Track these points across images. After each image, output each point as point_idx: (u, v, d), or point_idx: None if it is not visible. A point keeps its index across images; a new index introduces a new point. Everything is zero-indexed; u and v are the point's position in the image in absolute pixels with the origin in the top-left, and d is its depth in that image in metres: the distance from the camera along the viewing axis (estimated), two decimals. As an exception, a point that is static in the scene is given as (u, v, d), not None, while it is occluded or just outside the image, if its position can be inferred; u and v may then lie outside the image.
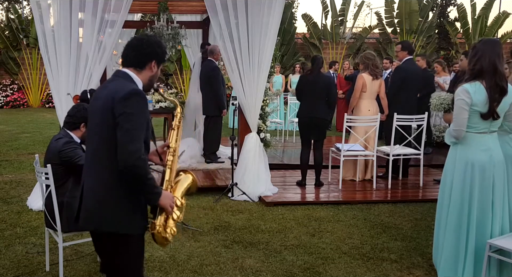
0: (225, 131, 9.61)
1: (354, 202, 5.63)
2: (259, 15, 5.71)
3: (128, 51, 2.40)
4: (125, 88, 2.26)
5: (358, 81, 6.44)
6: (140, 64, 2.39)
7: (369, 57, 6.40)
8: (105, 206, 2.29)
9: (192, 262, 3.95)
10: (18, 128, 11.40)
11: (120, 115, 2.20)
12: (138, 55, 2.38)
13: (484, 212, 3.41)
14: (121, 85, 2.29)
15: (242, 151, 6.01)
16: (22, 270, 3.79)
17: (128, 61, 2.40)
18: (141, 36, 2.47)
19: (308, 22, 18.33)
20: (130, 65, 2.40)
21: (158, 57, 2.42)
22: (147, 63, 2.40)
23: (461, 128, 3.38)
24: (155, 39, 2.44)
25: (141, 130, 2.23)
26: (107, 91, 2.31)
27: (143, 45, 2.38)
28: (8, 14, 17.29)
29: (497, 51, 3.33)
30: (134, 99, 2.23)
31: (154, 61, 2.41)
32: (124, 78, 2.37)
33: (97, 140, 2.32)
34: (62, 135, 3.65)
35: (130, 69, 2.39)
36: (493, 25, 17.64)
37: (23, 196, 5.74)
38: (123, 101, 2.21)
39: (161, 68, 2.58)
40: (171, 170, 2.49)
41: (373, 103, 6.42)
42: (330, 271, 3.82)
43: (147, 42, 2.39)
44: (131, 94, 2.23)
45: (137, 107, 2.23)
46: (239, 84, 5.89)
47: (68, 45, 5.43)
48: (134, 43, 2.41)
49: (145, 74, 2.41)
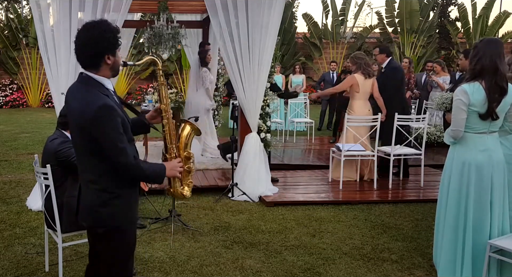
0: (225, 131, 9.61)
1: (354, 202, 5.62)
2: (260, 15, 5.69)
3: (78, 52, 2.32)
4: (90, 106, 2.24)
5: (347, 80, 6.51)
6: (94, 66, 2.32)
7: (360, 56, 6.47)
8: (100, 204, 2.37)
9: (192, 263, 3.93)
10: (17, 128, 11.39)
11: (98, 138, 2.26)
12: (88, 57, 2.30)
13: (482, 212, 3.40)
14: (86, 100, 2.27)
15: (242, 151, 6.00)
16: (21, 270, 3.78)
17: (82, 63, 2.34)
18: (80, 33, 2.30)
19: (308, 22, 18.31)
20: (86, 67, 2.34)
21: (109, 49, 2.31)
22: (100, 61, 2.31)
23: (459, 128, 3.38)
24: (97, 31, 2.27)
25: (121, 140, 2.29)
26: (77, 105, 2.31)
27: (88, 46, 2.27)
28: (7, 13, 17.29)
29: (498, 50, 3.31)
30: (101, 118, 2.23)
31: (106, 55, 2.31)
32: (87, 83, 2.32)
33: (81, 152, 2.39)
34: (57, 135, 3.63)
35: (88, 70, 2.33)
36: (494, 24, 17.62)
37: (22, 196, 5.73)
38: (94, 124, 2.23)
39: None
40: (170, 134, 2.62)
41: (366, 103, 6.45)
42: (330, 271, 3.81)
43: (91, 40, 2.26)
44: (96, 115, 2.22)
45: (107, 123, 2.25)
46: (239, 84, 5.87)
47: (67, 45, 5.41)
48: (81, 42, 2.29)
49: (104, 70, 2.35)
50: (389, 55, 6.63)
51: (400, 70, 6.60)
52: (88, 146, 2.32)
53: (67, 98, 2.44)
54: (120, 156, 2.28)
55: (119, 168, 2.31)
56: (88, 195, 2.40)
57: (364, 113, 6.32)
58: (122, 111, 2.38)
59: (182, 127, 2.74)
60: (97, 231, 2.43)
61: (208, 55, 7.22)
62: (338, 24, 18.30)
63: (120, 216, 2.40)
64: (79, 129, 2.32)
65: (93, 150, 2.30)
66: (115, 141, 2.27)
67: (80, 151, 2.41)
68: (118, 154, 2.28)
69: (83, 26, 2.33)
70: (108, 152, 2.28)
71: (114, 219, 2.38)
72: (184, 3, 7.30)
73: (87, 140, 2.30)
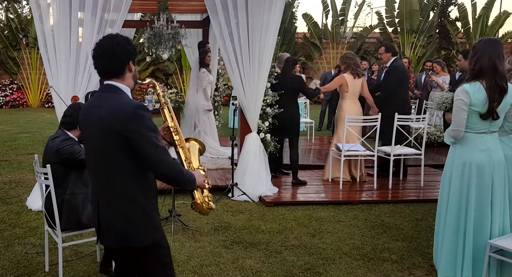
0: (225, 131, 9.61)
1: (354, 202, 5.62)
2: (260, 15, 5.69)
3: (102, 62, 2.31)
4: (125, 107, 2.21)
5: (336, 79, 6.59)
6: (119, 72, 2.32)
7: (350, 56, 6.53)
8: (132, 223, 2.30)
9: (192, 263, 3.93)
10: (17, 128, 11.39)
11: (134, 138, 2.19)
12: (114, 63, 2.30)
13: (482, 212, 3.40)
14: (120, 104, 2.24)
15: (242, 151, 6.00)
16: (21, 270, 3.78)
17: (106, 72, 2.33)
18: (103, 41, 2.33)
19: (308, 22, 18.31)
20: (111, 76, 2.32)
21: (132, 56, 2.35)
22: (125, 68, 2.33)
23: (459, 128, 3.37)
24: (119, 39, 2.31)
25: (159, 140, 2.27)
26: (104, 111, 2.24)
27: (114, 52, 2.28)
28: (7, 13, 17.28)
29: (497, 50, 3.31)
30: (139, 117, 2.20)
31: (130, 62, 2.34)
32: (115, 92, 2.30)
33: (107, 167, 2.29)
34: (58, 134, 3.64)
35: (113, 80, 2.32)
36: (494, 24, 17.61)
37: (22, 196, 5.73)
38: (131, 124, 2.18)
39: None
40: (183, 148, 2.62)
41: (356, 103, 6.48)
42: (330, 271, 3.81)
43: (117, 47, 2.28)
44: (134, 114, 2.19)
45: (146, 122, 2.21)
46: (239, 84, 5.87)
47: (67, 45, 5.42)
48: (104, 51, 2.29)
49: (128, 78, 2.35)
50: (395, 55, 6.64)
51: (400, 69, 6.58)
52: (116, 153, 2.23)
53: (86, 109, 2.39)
54: (162, 154, 2.23)
55: (161, 166, 2.24)
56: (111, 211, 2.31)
57: (353, 112, 6.34)
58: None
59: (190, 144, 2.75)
60: (130, 252, 2.34)
61: (208, 56, 7.22)
62: (338, 24, 18.30)
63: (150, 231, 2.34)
64: (107, 136, 2.22)
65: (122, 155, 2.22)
66: (155, 139, 2.22)
67: (102, 160, 2.29)
68: (159, 152, 2.22)
69: (103, 37, 2.34)
70: (148, 151, 2.20)
71: (146, 236, 2.32)
72: (184, 3, 7.29)
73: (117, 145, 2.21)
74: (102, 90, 2.38)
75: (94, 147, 2.34)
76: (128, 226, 2.29)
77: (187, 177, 2.39)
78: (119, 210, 2.30)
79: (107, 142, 2.24)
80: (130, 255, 2.37)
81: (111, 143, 2.22)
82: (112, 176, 2.28)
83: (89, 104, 2.44)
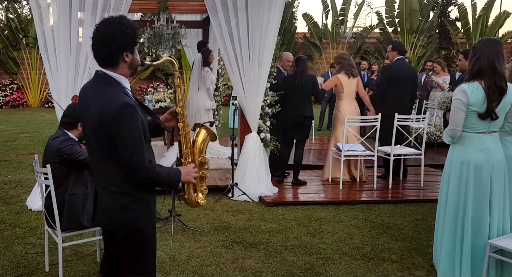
0: (225, 131, 9.61)
1: (354, 202, 5.62)
2: (260, 15, 5.69)
3: (96, 47, 2.23)
4: (110, 105, 2.15)
5: (331, 80, 6.61)
6: (112, 62, 2.24)
7: (344, 57, 6.54)
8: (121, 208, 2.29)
9: (192, 263, 3.93)
10: (17, 128, 11.39)
11: (116, 137, 2.16)
12: (106, 52, 2.21)
13: (481, 212, 3.40)
14: (106, 100, 2.18)
15: (242, 151, 6.00)
16: (21, 270, 3.78)
17: (100, 60, 2.26)
18: (99, 27, 2.22)
19: (308, 22, 18.31)
20: (103, 65, 2.26)
21: (127, 46, 2.23)
22: (119, 58, 2.23)
23: (457, 127, 3.38)
24: (117, 25, 2.19)
25: (140, 140, 2.20)
26: (93, 105, 2.21)
27: (106, 42, 2.18)
28: (7, 13, 17.27)
29: (496, 50, 3.32)
30: (122, 117, 2.15)
31: (124, 52, 2.23)
32: (106, 82, 2.24)
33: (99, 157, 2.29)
34: (58, 134, 3.64)
35: (107, 68, 2.26)
36: (494, 24, 17.61)
37: (22, 196, 5.73)
38: (114, 123, 2.14)
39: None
40: (185, 138, 2.52)
41: (352, 103, 6.48)
42: (330, 271, 3.81)
43: (111, 34, 2.18)
44: (117, 113, 2.14)
45: (128, 122, 2.16)
46: (239, 84, 5.87)
47: (67, 45, 5.41)
48: (97, 39, 2.21)
49: (122, 68, 2.26)
50: (401, 54, 6.52)
51: (393, 68, 6.47)
52: (106, 148, 2.21)
53: (82, 99, 2.35)
54: (135, 155, 2.18)
55: (131, 168, 2.20)
56: (107, 198, 2.31)
57: (350, 112, 6.33)
58: (140, 110, 2.28)
59: (197, 132, 2.62)
60: (117, 236, 2.33)
61: (211, 55, 7.21)
62: (338, 24, 18.30)
63: (141, 220, 2.32)
64: (97, 132, 2.22)
65: (111, 152, 2.20)
66: (132, 141, 2.17)
67: (98, 156, 2.30)
68: (133, 154, 2.17)
69: (102, 20, 2.24)
70: (122, 151, 2.17)
71: (135, 223, 2.30)
72: (184, 3, 7.30)
73: (105, 142, 2.20)
74: (94, 78, 2.32)
75: (88, 138, 2.34)
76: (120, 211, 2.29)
77: (162, 178, 2.28)
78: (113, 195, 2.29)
79: (97, 137, 2.24)
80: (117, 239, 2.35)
81: (101, 138, 2.22)
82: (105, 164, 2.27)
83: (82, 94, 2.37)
